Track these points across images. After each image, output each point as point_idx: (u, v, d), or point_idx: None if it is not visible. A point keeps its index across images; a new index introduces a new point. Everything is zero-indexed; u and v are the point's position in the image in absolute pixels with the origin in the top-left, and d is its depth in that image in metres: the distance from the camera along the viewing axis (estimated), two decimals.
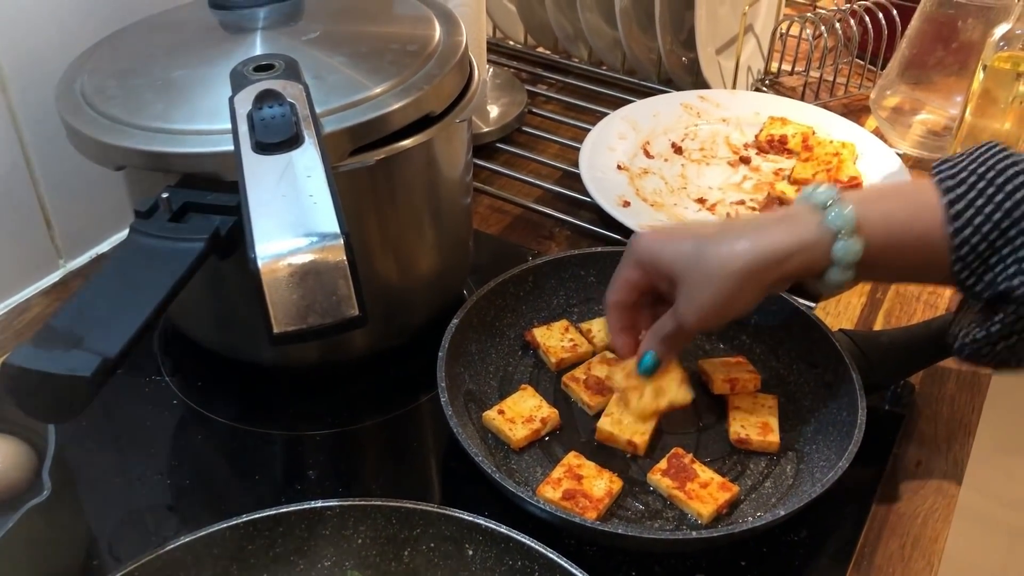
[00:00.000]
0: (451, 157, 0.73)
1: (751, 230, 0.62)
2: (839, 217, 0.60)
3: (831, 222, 0.60)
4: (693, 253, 0.62)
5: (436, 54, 0.70)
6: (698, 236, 0.63)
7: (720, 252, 0.61)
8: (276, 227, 0.49)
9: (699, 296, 0.62)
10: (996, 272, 0.58)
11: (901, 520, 0.68)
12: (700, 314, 0.63)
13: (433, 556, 0.59)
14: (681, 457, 0.67)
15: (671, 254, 0.64)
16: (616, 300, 0.69)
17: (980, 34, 0.99)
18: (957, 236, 0.58)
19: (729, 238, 0.62)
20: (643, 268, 0.66)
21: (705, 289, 0.62)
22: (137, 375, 0.78)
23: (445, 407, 0.66)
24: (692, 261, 0.62)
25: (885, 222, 0.60)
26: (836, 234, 0.60)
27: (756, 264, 0.60)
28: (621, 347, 0.70)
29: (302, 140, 0.55)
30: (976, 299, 0.60)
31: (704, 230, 0.65)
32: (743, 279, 0.61)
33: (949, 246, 0.58)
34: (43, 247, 0.87)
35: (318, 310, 0.49)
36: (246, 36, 0.69)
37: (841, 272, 0.61)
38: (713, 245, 0.62)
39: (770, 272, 0.61)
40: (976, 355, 0.61)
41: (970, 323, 0.61)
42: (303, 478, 0.70)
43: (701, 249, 0.62)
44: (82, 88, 0.67)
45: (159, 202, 0.59)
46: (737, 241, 0.61)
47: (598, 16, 1.18)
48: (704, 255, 0.62)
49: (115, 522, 0.66)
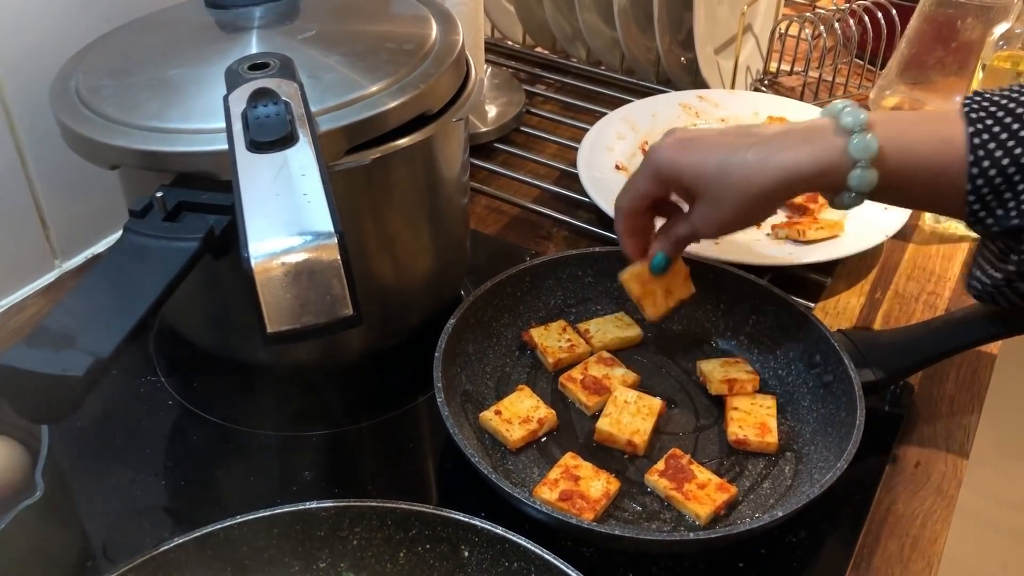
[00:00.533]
0: (448, 156, 0.73)
1: (775, 147, 0.62)
2: (862, 146, 0.60)
3: (854, 149, 0.60)
4: (716, 170, 0.63)
5: (432, 53, 0.69)
6: (721, 149, 0.64)
7: (743, 170, 0.62)
8: (270, 226, 0.49)
9: (719, 210, 0.64)
10: (1009, 208, 0.58)
11: (900, 521, 0.67)
12: (718, 226, 0.66)
13: (429, 557, 0.58)
14: (679, 458, 0.67)
15: (694, 169, 0.64)
16: (629, 207, 0.70)
17: (979, 33, 0.99)
18: (976, 167, 0.58)
19: (753, 154, 0.62)
20: (663, 180, 0.67)
21: (726, 204, 0.64)
22: (133, 375, 0.77)
23: (441, 407, 0.66)
24: (716, 177, 0.63)
25: (906, 154, 0.61)
26: (856, 162, 0.60)
27: (778, 184, 0.62)
28: (631, 250, 0.72)
29: (296, 139, 0.54)
30: (987, 234, 0.61)
31: (724, 139, 0.65)
32: (763, 197, 0.63)
33: (967, 176, 0.59)
34: (38, 247, 0.87)
35: (312, 310, 0.48)
36: (242, 35, 0.69)
37: (853, 199, 0.62)
38: (737, 162, 0.63)
39: (789, 191, 0.63)
40: (993, 295, 0.62)
41: (986, 263, 0.62)
42: (299, 479, 0.69)
43: (724, 166, 0.63)
44: (77, 87, 0.67)
45: (153, 201, 0.59)
46: (762, 161, 0.62)
47: (596, 16, 1.18)
48: (728, 172, 0.63)
49: (110, 523, 0.66)
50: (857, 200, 0.62)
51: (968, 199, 0.59)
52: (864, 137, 0.60)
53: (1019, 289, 0.61)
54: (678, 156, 0.65)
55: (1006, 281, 0.61)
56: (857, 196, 0.62)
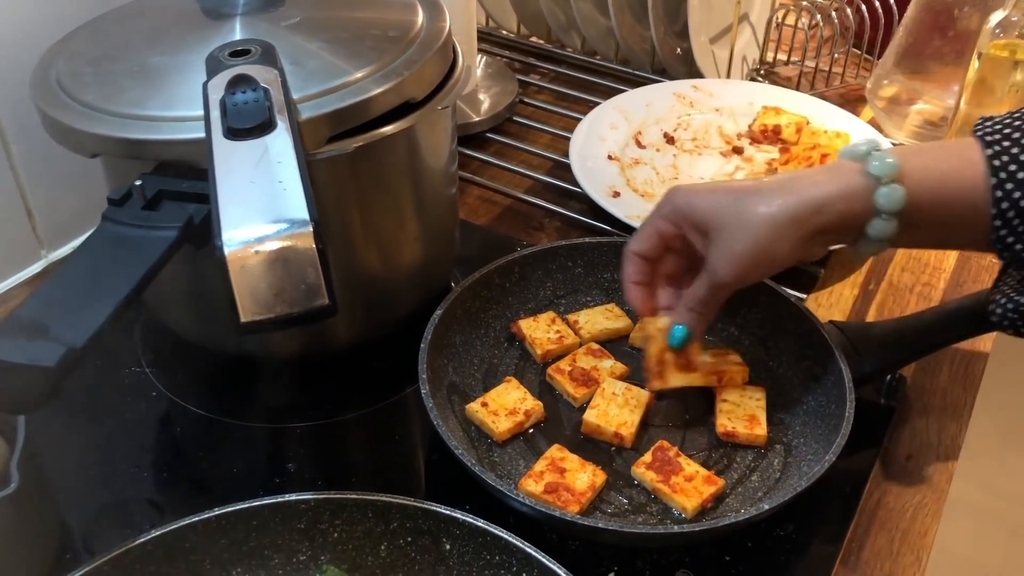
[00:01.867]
0: (434, 145, 0.72)
1: (791, 180, 0.61)
2: (881, 165, 0.59)
3: (874, 170, 0.59)
4: (731, 202, 0.61)
5: (418, 40, 0.68)
6: (737, 188, 0.63)
7: (758, 200, 0.60)
8: (244, 214, 0.48)
9: (735, 245, 0.61)
10: None
11: (890, 514, 0.66)
12: (734, 264, 0.61)
13: (410, 550, 0.58)
14: (666, 450, 0.66)
15: (708, 204, 0.62)
16: (639, 249, 0.67)
17: (977, 22, 0.98)
18: (999, 190, 0.57)
19: (768, 188, 0.61)
20: (676, 219, 0.64)
21: (741, 237, 0.60)
22: (117, 366, 0.77)
23: (426, 399, 0.65)
24: (730, 210, 0.61)
25: (927, 173, 0.59)
26: (879, 180, 0.58)
27: (795, 210, 0.59)
28: (634, 300, 0.69)
29: (275, 126, 0.54)
30: (1016, 260, 0.59)
31: (743, 183, 0.64)
32: (781, 226, 0.59)
33: (991, 201, 0.57)
34: (25, 237, 0.86)
35: (286, 299, 0.48)
36: (225, 22, 0.68)
37: (883, 223, 0.59)
38: (751, 194, 0.61)
39: (810, 220, 0.59)
40: (1018, 323, 0.60)
41: (1011, 289, 0.61)
42: (283, 471, 0.69)
43: (739, 198, 0.61)
44: (58, 75, 0.66)
45: (132, 190, 0.58)
46: (777, 190, 0.60)
47: (591, 5, 1.17)
48: (741, 203, 0.61)
49: (90, 515, 0.65)
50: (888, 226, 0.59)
51: (994, 223, 0.58)
52: (881, 158, 0.59)
53: None
54: (695, 193, 0.63)
55: None
56: (887, 220, 0.59)
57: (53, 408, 0.70)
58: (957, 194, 0.59)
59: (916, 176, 0.59)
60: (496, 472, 0.67)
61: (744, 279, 0.63)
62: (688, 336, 0.66)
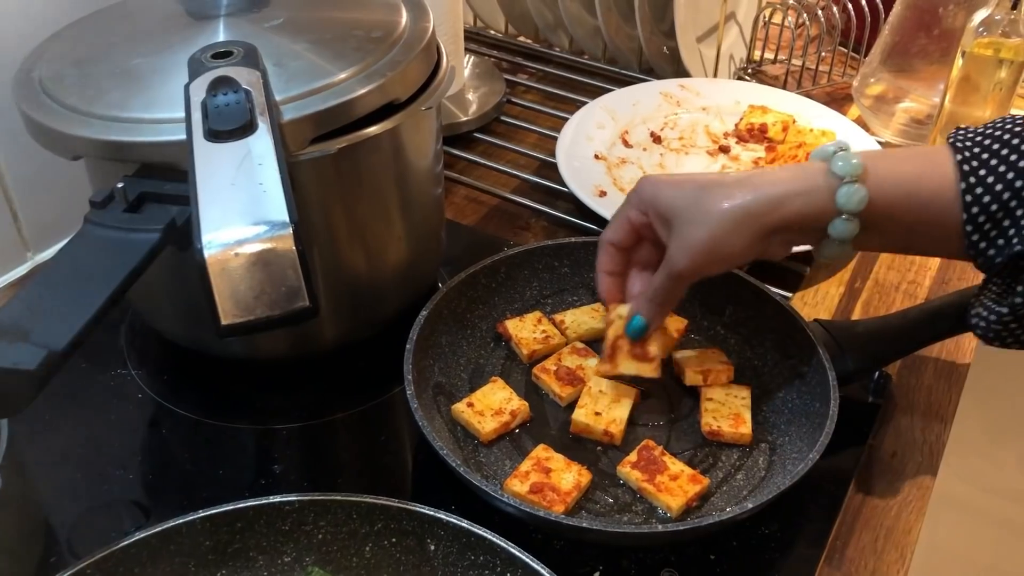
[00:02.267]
0: (419, 146, 0.72)
1: (755, 175, 0.62)
2: (845, 164, 0.59)
3: (837, 168, 0.59)
4: (693, 193, 0.62)
5: (401, 40, 0.68)
6: (702, 180, 0.63)
7: (719, 192, 0.61)
8: (224, 216, 0.48)
9: (693, 235, 0.61)
10: (1010, 236, 0.57)
11: (875, 512, 0.67)
12: (691, 254, 0.62)
13: (395, 551, 0.58)
14: (651, 449, 0.66)
15: (672, 193, 0.63)
16: (610, 238, 0.68)
17: (961, 20, 0.98)
18: (969, 195, 0.57)
19: (731, 182, 0.62)
20: (644, 208, 0.65)
21: (699, 228, 0.61)
22: (103, 368, 0.77)
23: (411, 400, 0.65)
24: (691, 200, 0.62)
25: (893, 175, 0.59)
26: (841, 179, 0.59)
27: (754, 204, 0.60)
28: (604, 290, 0.69)
29: (256, 128, 0.53)
30: (990, 267, 0.59)
31: (709, 176, 0.64)
32: (739, 219, 0.60)
33: (961, 206, 0.57)
34: (10, 240, 0.86)
35: (266, 301, 0.48)
36: (208, 23, 0.68)
37: (844, 223, 0.59)
38: (714, 187, 0.61)
39: (768, 215, 0.60)
40: (1002, 334, 0.60)
41: (990, 300, 0.60)
42: (270, 473, 0.69)
43: (701, 190, 0.62)
44: (40, 77, 0.66)
45: (115, 192, 0.58)
46: (738, 184, 0.61)
47: (578, 5, 1.17)
48: (703, 195, 0.61)
49: (75, 518, 0.65)
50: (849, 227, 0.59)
51: (966, 229, 0.58)
52: (846, 157, 0.59)
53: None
54: (660, 182, 0.64)
55: (1013, 316, 0.58)
56: (848, 221, 0.59)
57: (38, 411, 0.71)
58: (923, 197, 0.59)
59: (881, 177, 0.59)
60: (482, 472, 0.67)
61: (701, 271, 0.63)
62: (645, 326, 0.67)
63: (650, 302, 0.66)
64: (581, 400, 0.70)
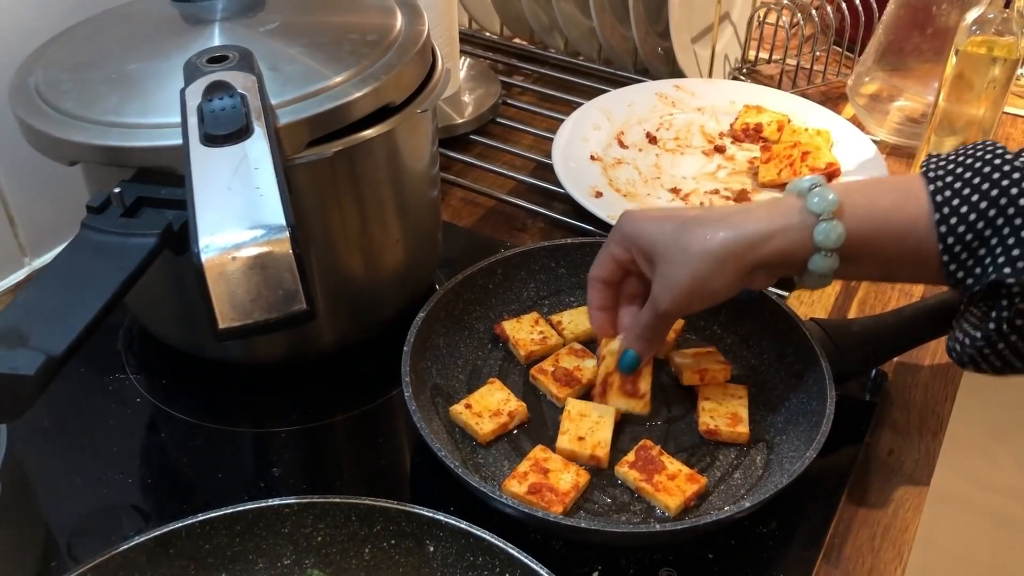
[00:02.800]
0: (415, 148, 0.72)
1: (734, 213, 0.62)
2: (822, 201, 0.59)
3: (813, 206, 0.59)
4: (673, 232, 0.62)
5: (397, 43, 0.69)
6: (681, 217, 0.63)
7: (699, 231, 0.61)
8: (221, 220, 0.48)
9: (675, 275, 0.62)
10: (985, 264, 0.57)
11: (872, 510, 0.67)
12: (674, 294, 0.62)
13: (394, 553, 0.58)
14: (649, 449, 0.67)
15: (652, 231, 0.63)
16: (597, 275, 0.68)
17: (955, 19, 0.98)
18: (943, 225, 0.57)
19: (710, 219, 0.62)
20: (626, 246, 0.66)
21: (681, 268, 0.61)
22: (101, 373, 0.77)
23: (409, 401, 0.65)
24: (671, 239, 0.62)
25: (868, 208, 0.59)
26: (818, 216, 0.59)
27: (734, 244, 0.60)
28: (598, 326, 0.70)
29: (252, 132, 0.54)
30: (968, 295, 0.59)
31: (689, 212, 0.64)
32: (720, 259, 0.60)
33: (936, 236, 0.57)
34: (7, 245, 0.86)
35: (264, 304, 0.48)
36: (204, 28, 0.68)
37: (823, 259, 0.60)
38: (693, 225, 0.62)
39: (748, 254, 0.60)
40: (976, 359, 0.60)
41: (969, 325, 0.60)
42: (268, 475, 0.69)
43: (681, 229, 0.62)
44: (36, 83, 0.66)
45: (111, 197, 0.58)
46: (718, 222, 0.61)
47: (573, 6, 1.17)
48: (683, 234, 0.62)
49: (75, 522, 0.65)
50: (827, 262, 0.60)
51: (943, 259, 0.58)
52: (822, 193, 0.59)
53: (1001, 352, 0.58)
54: (641, 219, 0.65)
55: (987, 342, 0.58)
56: (826, 256, 0.59)
57: (36, 415, 0.71)
58: (899, 229, 0.59)
59: (857, 212, 0.59)
60: (480, 474, 0.67)
61: (685, 309, 0.64)
62: (636, 361, 0.68)
63: (639, 339, 0.67)
64: (563, 425, 0.69)
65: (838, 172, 0.95)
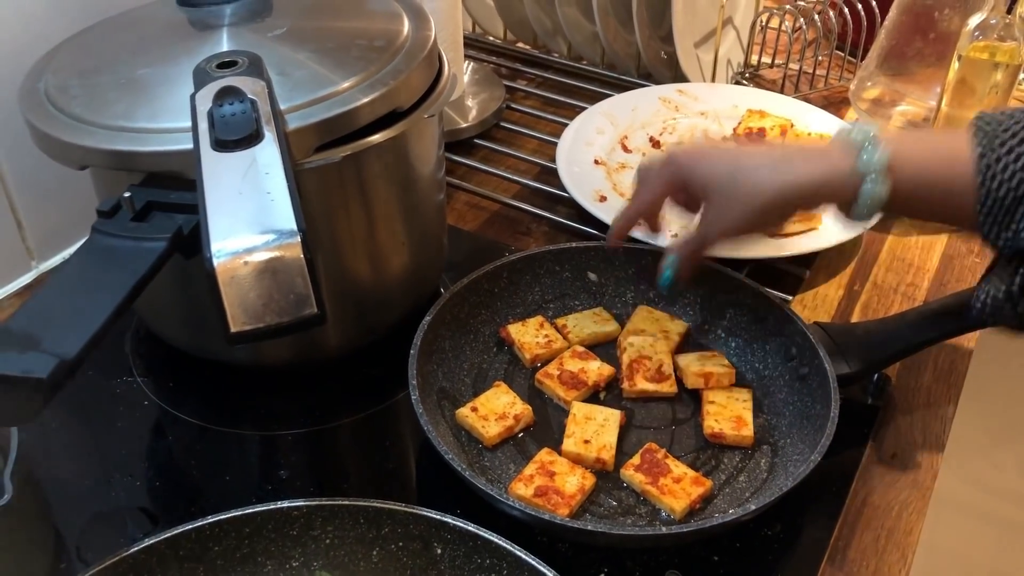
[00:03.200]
0: (422, 153, 0.73)
1: (785, 161, 0.64)
2: (871, 160, 0.61)
3: (862, 164, 0.61)
4: (728, 176, 0.65)
5: (404, 49, 0.69)
6: (735, 158, 0.66)
7: (752, 180, 0.64)
8: (232, 225, 0.49)
9: (726, 215, 0.65)
10: (1020, 227, 0.58)
11: (876, 513, 0.67)
12: (723, 229, 0.66)
13: (402, 555, 0.58)
14: (654, 452, 0.67)
15: (706, 173, 0.66)
16: (637, 210, 0.72)
17: (957, 24, 0.99)
18: (983, 187, 0.59)
19: (764, 164, 0.64)
20: (676, 182, 0.68)
21: (732, 210, 0.65)
22: (109, 376, 0.77)
23: (416, 405, 0.65)
24: (726, 183, 0.65)
25: (915, 168, 0.61)
26: (865, 173, 0.61)
27: (784, 196, 0.63)
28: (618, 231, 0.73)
29: (262, 137, 0.54)
30: (998, 251, 0.62)
31: (741, 152, 0.67)
32: (770, 205, 0.63)
33: (976, 197, 0.59)
34: (14, 248, 0.86)
35: (275, 308, 0.48)
36: (212, 33, 0.69)
37: (866, 210, 0.62)
38: (748, 169, 0.64)
39: (796, 202, 0.64)
40: (996, 315, 0.62)
41: (997, 278, 0.62)
42: (276, 478, 0.69)
43: (735, 174, 0.64)
44: (45, 87, 0.67)
45: (121, 201, 0.58)
46: (771, 168, 0.63)
47: (576, 11, 1.18)
48: (737, 180, 0.64)
49: (84, 525, 0.66)
50: (870, 213, 0.62)
51: (979, 217, 0.60)
52: (873, 151, 0.61)
53: (1022, 313, 0.61)
54: (694, 161, 0.67)
55: (1008, 300, 0.61)
56: (869, 209, 0.62)
57: (45, 418, 0.71)
58: (942, 191, 0.61)
59: (905, 171, 0.61)
60: (486, 476, 0.68)
61: (731, 242, 0.68)
62: (675, 278, 0.70)
63: (683, 260, 0.70)
64: (568, 429, 0.70)
65: None
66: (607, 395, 0.75)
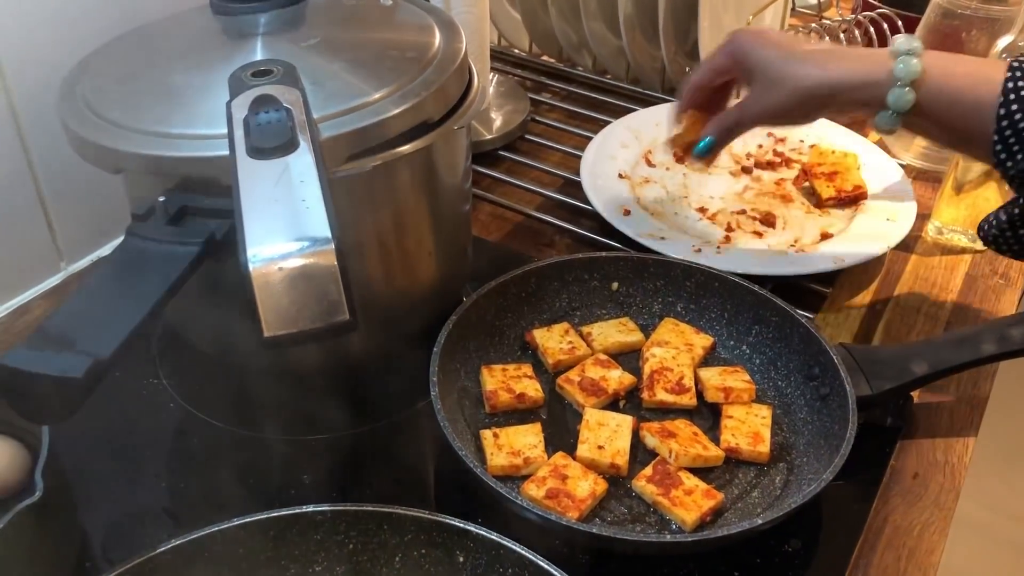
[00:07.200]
0: (450, 164, 0.73)
1: (831, 59, 0.71)
2: (906, 68, 0.66)
3: (898, 71, 0.67)
4: (777, 61, 0.72)
5: (435, 61, 0.70)
6: (788, 49, 0.72)
7: (796, 70, 0.71)
8: (268, 231, 0.49)
9: (766, 98, 0.73)
10: None
11: (897, 533, 0.67)
12: (762, 111, 0.74)
13: (424, 562, 0.59)
14: (667, 463, 0.67)
15: (760, 55, 0.73)
16: (699, 79, 0.79)
17: (984, 46, 0.99)
18: (1004, 109, 0.63)
19: (810, 59, 0.71)
20: (733, 58, 0.75)
21: (773, 95, 0.72)
22: (135, 377, 0.78)
23: (435, 401, 0.66)
24: (775, 67, 0.72)
25: (945, 81, 0.66)
26: (897, 81, 0.67)
27: (821, 89, 0.70)
28: (677, 113, 0.83)
29: (297, 145, 0.55)
30: (1007, 178, 0.65)
31: (795, 46, 0.73)
32: (808, 97, 0.71)
33: (994, 119, 0.63)
34: (45, 250, 0.87)
35: (308, 314, 0.49)
36: (247, 41, 0.69)
37: (890, 117, 0.68)
38: (796, 61, 0.71)
39: (832, 98, 0.71)
40: (999, 239, 0.68)
41: (1003, 212, 0.67)
42: (298, 483, 0.70)
43: (784, 62, 0.71)
44: (83, 92, 0.68)
45: (156, 206, 0.59)
46: (816, 64, 0.70)
47: (602, 25, 1.19)
48: (784, 68, 0.71)
49: (109, 524, 0.66)
50: (893, 121, 0.68)
51: (993, 139, 0.63)
52: (909, 60, 0.65)
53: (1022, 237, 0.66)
54: (754, 42, 0.74)
55: (1010, 224, 0.66)
56: (893, 117, 0.67)
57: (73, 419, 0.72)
58: (965, 109, 0.65)
59: (934, 84, 0.66)
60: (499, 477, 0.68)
61: (766, 124, 0.80)
62: (712, 146, 0.78)
63: (721, 129, 0.78)
64: (582, 435, 0.70)
65: (865, 195, 0.96)
66: (627, 404, 0.75)
